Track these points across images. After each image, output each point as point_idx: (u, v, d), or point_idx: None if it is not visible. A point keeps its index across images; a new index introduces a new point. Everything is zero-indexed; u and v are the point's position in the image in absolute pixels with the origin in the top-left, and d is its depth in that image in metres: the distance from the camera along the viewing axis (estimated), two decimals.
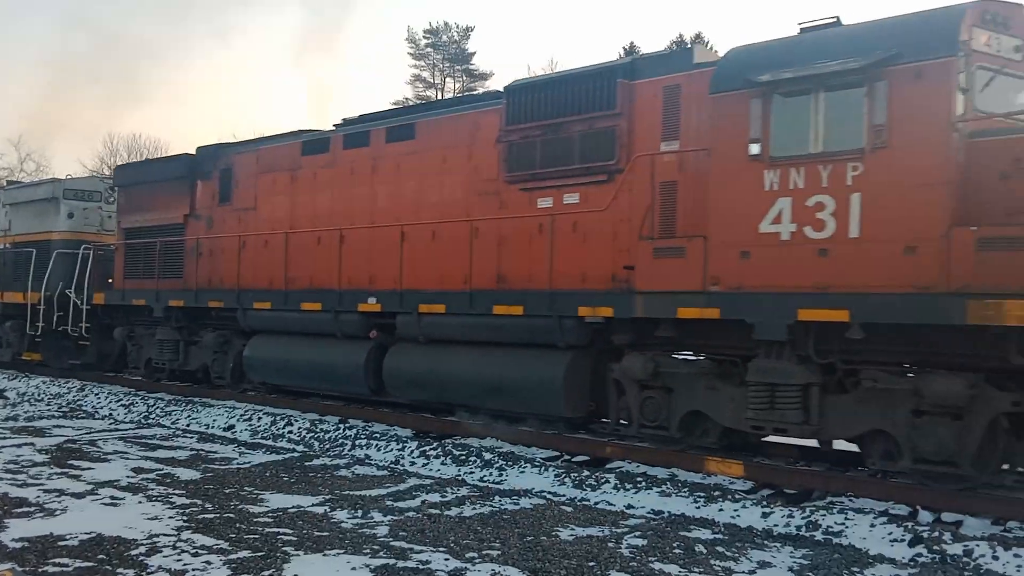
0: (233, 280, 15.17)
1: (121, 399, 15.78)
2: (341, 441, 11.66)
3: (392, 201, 13.08)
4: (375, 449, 11.15)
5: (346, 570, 6.29)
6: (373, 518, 7.82)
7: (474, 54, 66.07)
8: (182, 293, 16.16)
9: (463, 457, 10.37)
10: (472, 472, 9.89)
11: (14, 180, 35.37)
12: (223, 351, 15.77)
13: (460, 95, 50.10)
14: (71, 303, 18.86)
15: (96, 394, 16.51)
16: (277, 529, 7.34)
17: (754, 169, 8.87)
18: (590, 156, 10.78)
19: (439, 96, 59.98)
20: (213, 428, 13.17)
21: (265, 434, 12.53)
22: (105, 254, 19.01)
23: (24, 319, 19.81)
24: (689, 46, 10.66)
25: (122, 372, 18.62)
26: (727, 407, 9.45)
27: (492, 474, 9.77)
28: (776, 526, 7.71)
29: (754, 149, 8.86)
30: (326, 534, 7.21)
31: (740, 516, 7.98)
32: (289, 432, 12.44)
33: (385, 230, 12.88)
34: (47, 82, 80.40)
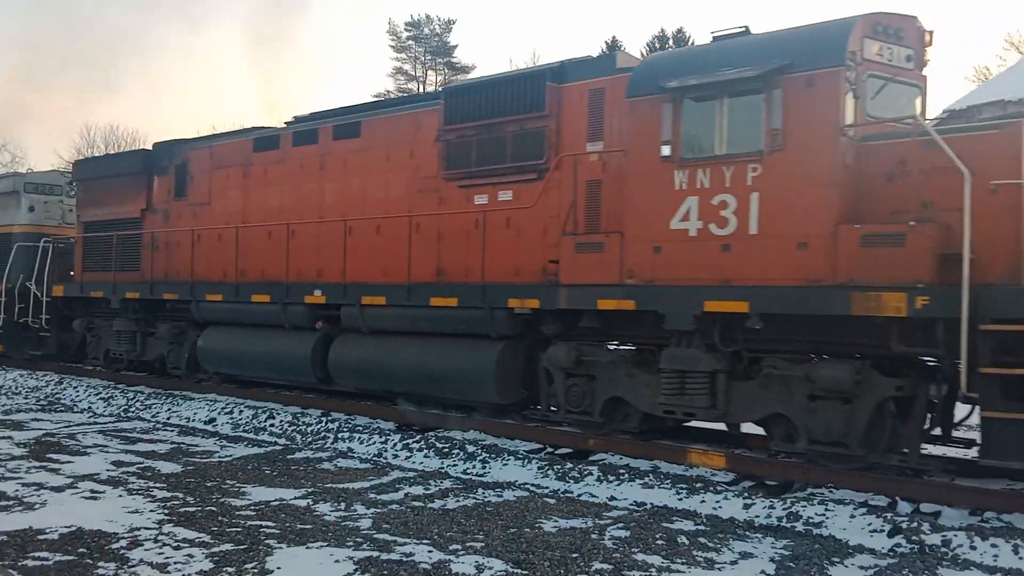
0: (187, 273, 15.60)
1: (100, 392, 15.74)
2: (323, 434, 11.65)
3: (339, 197, 13.54)
4: (358, 442, 11.15)
5: (329, 563, 6.28)
6: (356, 511, 7.80)
7: (456, 47, 66.42)
8: (138, 285, 16.56)
9: (446, 450, 10.37)
10: (455, 465, 9.93)
11: None
12: (179, 342, 16.16)
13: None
14: (31, 295, 19.22)
15: (75, 387, 16.51)
16: (260, 522, 7.32)
17: (666, 169, 9.43)
18: (521, 155, 11.30)
19: (422, 89, 60.13)
20: (194, 421, 13.13)
21: (247, 427, 12.48)
22: (66, 247, 19.43)
23: None
24: (614, 51, 11.10)
25: (82, 363, 18.95)
26: (644, 393, 10.00)
27: (475, 466, 9.82)
28: (757, 517, 7.79)
29: (665, 151, 9.42)
30: (309, 527, 7.21)
31: (722, 507, 8.06)
32: (271, 425, 12.37)
33: (332, 225, 13.33)
34: (16, 63, 79.61)
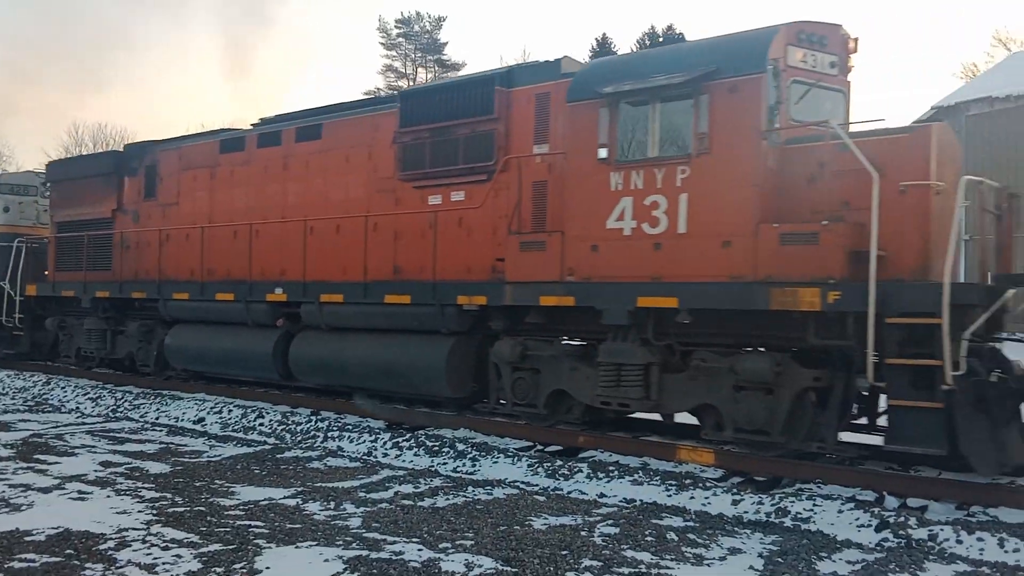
0: (156, 272, 15.95)
1: (88, 392, 15.64)
2: (313, 433, 11.65)
3: (301, 198, 13.93)
4: (347, 441, 11.16)
5: (319, 562, 6.26)
6: (346, 509, 7.79)
7: (446, 44, 66.32)
8: (108, 284, 16.90)
9: (436, 448, 10.38)
10: (445, 463, 9.96)
11: None
12: (147, 340, 16.51)
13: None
14: (5, 294, 19.53)
15: (62, 388, 16.42)
16: (248, 522, 7.27)
17: (602, 171, 9.86)
18: (473, 157, 11.70)
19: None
20: (183, 421, 13.09)
21: (236, 427, 12.45)
22: (40, 247, 19.76)
23: None
24: (559, 58, 11.52)
25: (54, 361, 19.27)
26: (585, 386, 10.42)
27: (465, 465, 9.84)
28: (746, 513, 7.86)
29: (602, 153, 9.86)
30: (298, 526, 7.18)
31: (711, 503, 8.12)
32: (260, 424, 12.36)
33: (294, 224, 13.71)
34: (1, 58, 79.65)
